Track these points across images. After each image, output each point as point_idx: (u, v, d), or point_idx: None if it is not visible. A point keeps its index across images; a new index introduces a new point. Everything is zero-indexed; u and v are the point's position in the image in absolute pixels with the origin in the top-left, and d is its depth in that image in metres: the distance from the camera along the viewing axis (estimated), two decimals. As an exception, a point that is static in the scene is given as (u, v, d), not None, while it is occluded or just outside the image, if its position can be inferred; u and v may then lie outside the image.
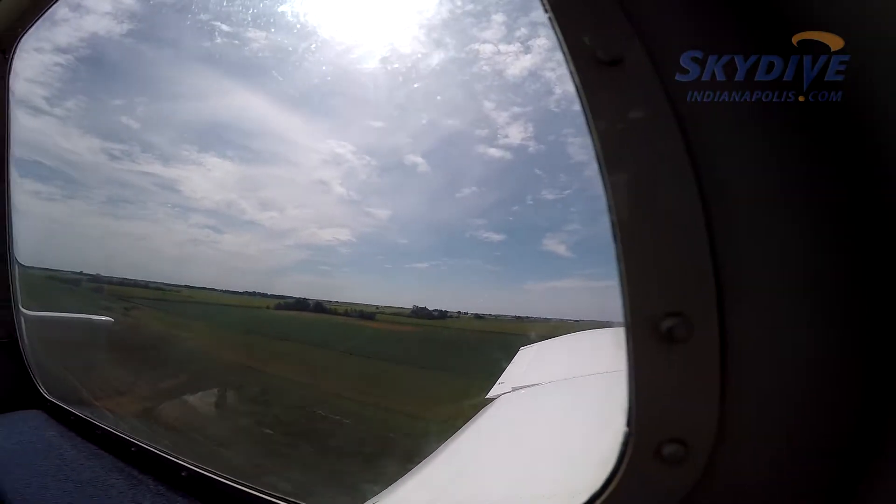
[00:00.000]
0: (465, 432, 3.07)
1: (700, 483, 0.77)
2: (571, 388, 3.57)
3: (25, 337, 2.90)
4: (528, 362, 4.84)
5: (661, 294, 0.75)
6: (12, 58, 2.77)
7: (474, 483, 2.36)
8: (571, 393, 3.46)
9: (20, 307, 2.92)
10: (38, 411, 2.73)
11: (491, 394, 3.78)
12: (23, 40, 2.72)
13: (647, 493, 0.80)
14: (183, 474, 1.93)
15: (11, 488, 1.90)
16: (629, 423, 0.78)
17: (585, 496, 0.88)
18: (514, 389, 3.76)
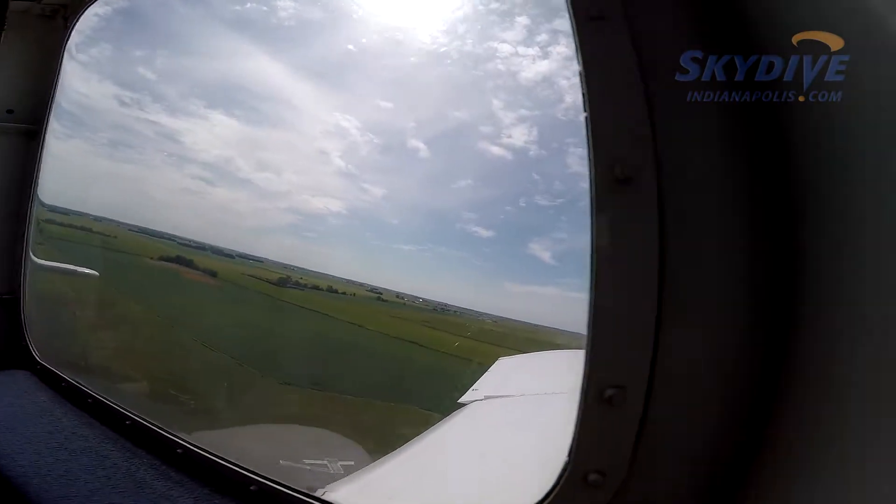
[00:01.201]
0: (431, 434, 3.39)
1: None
2: (539, 404, 3.81)
3: (27, 293, 2.95)
4: (504, 373, 5.18)
5: (607, 369, 0.97)
6: (72, 30, 2.86)
7: (429, 483, 2.59)
8: (538, 409, 3.69)
9: (30, 257, 2.99)
10: (27, 373, 2.77)
11: (463, 399, 4.10)
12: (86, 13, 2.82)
13: None
14: (178, 451, 1.99)
15: (3, 453, 1.98)
16: (569, 454, 1.02)
17: None
18: (487, 398, 4.05)
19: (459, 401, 4.05)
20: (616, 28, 0.92)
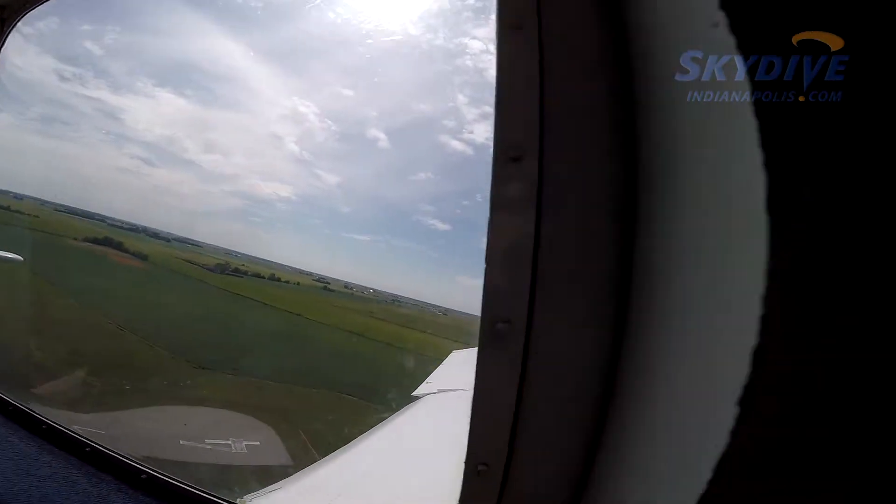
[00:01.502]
0: (385, 427, 3.53)
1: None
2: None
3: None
4: (458, 365, 5.28)
5: (479, 450, 1.28)
6: (8, 34, 2.55)
7: (384, 480, 2.88)
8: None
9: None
10: None
11: (417, 391, 4.25)
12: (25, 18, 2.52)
13: None
14: (143, 476, 2.05)
15: None
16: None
17: None
18: (441, 391, 4.16)
19: (413, 394, 4.20)
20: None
